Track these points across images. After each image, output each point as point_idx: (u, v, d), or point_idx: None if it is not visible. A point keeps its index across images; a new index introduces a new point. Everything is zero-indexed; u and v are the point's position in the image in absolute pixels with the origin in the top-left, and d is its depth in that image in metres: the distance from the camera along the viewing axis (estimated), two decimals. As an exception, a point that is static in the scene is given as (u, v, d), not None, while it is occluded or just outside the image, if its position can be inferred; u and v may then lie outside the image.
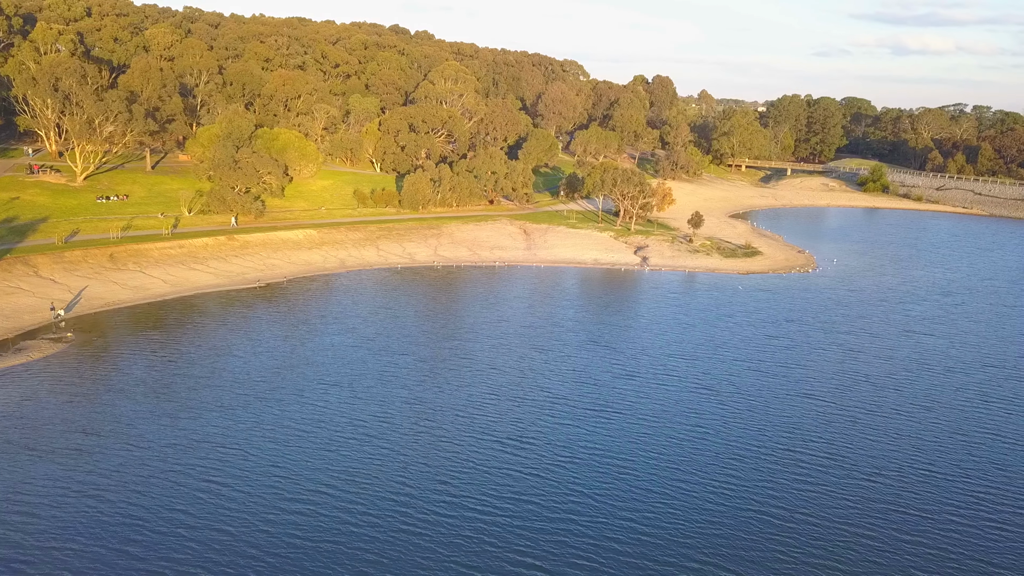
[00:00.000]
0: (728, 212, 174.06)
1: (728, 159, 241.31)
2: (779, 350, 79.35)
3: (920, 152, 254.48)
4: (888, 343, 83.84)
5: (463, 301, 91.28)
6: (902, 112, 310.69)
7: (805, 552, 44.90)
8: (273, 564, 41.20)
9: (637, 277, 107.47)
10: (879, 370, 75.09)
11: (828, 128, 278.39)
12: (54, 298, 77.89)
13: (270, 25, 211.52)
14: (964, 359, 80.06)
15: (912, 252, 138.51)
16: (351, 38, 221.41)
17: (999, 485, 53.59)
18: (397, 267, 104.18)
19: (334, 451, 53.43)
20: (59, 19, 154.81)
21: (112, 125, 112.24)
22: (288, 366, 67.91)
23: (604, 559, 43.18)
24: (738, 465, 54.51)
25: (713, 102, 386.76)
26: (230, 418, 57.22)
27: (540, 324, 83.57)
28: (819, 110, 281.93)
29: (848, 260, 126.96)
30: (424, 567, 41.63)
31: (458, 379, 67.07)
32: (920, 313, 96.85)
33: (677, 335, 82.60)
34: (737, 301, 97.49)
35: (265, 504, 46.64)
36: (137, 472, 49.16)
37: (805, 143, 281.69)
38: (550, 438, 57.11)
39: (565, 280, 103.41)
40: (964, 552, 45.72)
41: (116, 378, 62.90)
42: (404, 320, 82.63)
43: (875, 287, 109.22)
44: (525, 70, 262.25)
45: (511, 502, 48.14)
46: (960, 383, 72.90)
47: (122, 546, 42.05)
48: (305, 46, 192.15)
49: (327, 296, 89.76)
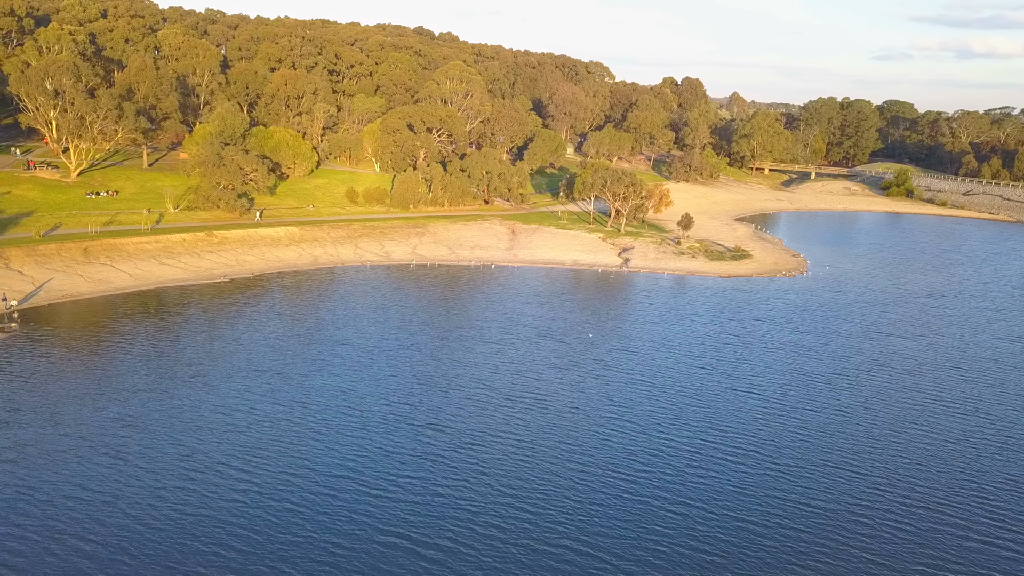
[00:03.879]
0: (735, 215, 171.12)
1: (749, 162, 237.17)
2: (719, 348, 77.65)
3: (956, 156, 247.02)
4: (844, 344, 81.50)
5: (417, 298, 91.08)
6: (940, 115, 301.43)
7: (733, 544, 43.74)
8: (156, 538, 41.61)
9: (611, 278, 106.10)
10: (821, 369, 72.91)
11: (862, 131, 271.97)
12: (14, 289, 79.76)
13: (287, 26, 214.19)
14: (923, 360, 77.60)
15: (915, 257, 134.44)
16: (368, 39, 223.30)
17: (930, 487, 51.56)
18: (368, 265, 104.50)
19: (242, 432, 54.00)
20: (73, 20, 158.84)
21: (103, 122, 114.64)
22: (222, 354, 68.92)
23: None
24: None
25: (745, 105, 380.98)
26: (148, 402, 57.96)
27: (478, 321, 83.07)
28: (853, 113, 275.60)
29: (844, 264, 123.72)
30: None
31: (379, 369, 67.02)
32: (897, 316, 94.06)
33: (618, 332, 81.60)
34: (699, 302, 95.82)
35: (168, 479, 47.84)
36: (45, 447, 50.11)
37: (838, 147, 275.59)
38: (464, 424, 56.83)
39: (533, 280, 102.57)
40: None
41: (45, 363, 64.27)
42: (350, 314, 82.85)
43: (860, 291, 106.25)
44: (547, 71, 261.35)
45: (417, 483, 47.97)
46: (910, 383, 70.48)
47: (17, 518, 43.37)
48: (319, 47, 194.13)
49: (284, 291, 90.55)
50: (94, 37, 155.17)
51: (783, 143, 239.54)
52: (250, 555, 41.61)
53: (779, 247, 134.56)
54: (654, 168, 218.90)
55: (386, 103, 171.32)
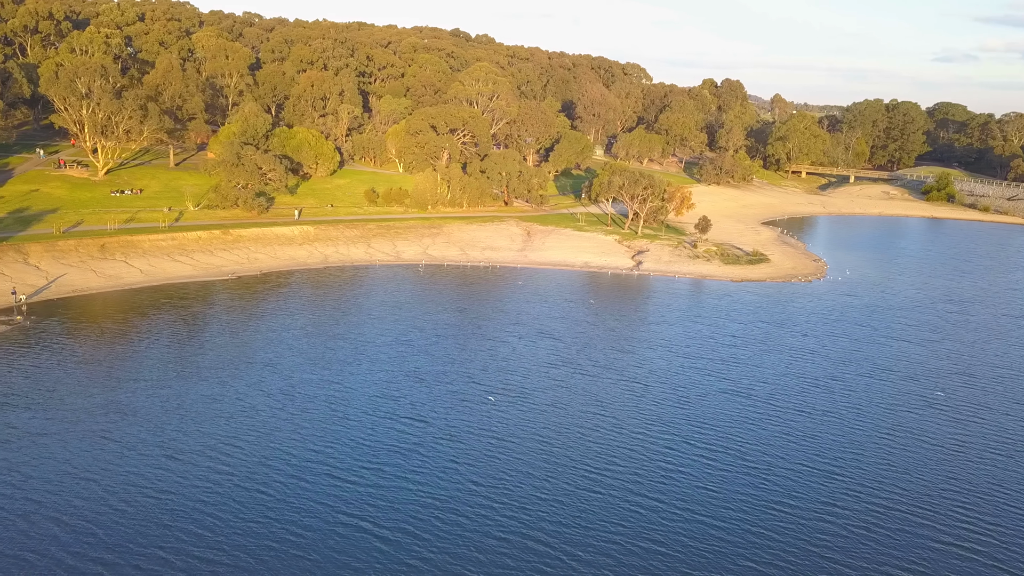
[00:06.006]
0: (764, 219, 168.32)
1: (785, 165, 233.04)
2: (714, 349, 76.52)
3: (1005, 160, 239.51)
4: (845, 348, 79.70)
5: (418, 297, 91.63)
6: (991, 118, 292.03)
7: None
8: (129, 515, 42.96)
9: (617, 281, 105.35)
10: (816, 372, 71.36)
11: (908, 134, 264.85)
12: (27, 284, 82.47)
13: (322, 29, 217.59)
14: (929, 365, 75.55)
15: (945, 262, 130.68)
16: (402, 41, 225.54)
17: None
18: (377, 264, 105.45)
19: (224, 420, 55.16)
20: (111, 24, 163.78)
21: (128, 122, 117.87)
22: (215, 346, 70.58)
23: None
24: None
25: (787, 107, 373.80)
26: (137, 390, 59.48)
27: (475, 319, 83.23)
28: (899, 115, 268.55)
29: (866, 269, 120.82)
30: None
31: (367, 364, 67.65)
32: (910, 321, 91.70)
33: (615, 332, 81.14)
34: (704, 305, 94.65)
35: (146, 461, 49.80)
36: (32, 430, 51.83)
37: (882, 150, 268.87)
38: (443, 418, 57.21)
39: (539, 281, 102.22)
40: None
41: (41, 354, 66.31)
42: (346, 312, 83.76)
43: (877, 295, 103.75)
44: (581, 73, 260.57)
45: (386, 471, 48.52)
46: (908, 388, 68.61)
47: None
48: (351, 49, 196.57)
49: (286, 288, 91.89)
50: (130, 40, 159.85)
51: (820, 145, 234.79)
52: (214, 533, 43.10)
53: (801, 251, 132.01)
54: (685, 170, 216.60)
55: (413, 104, 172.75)
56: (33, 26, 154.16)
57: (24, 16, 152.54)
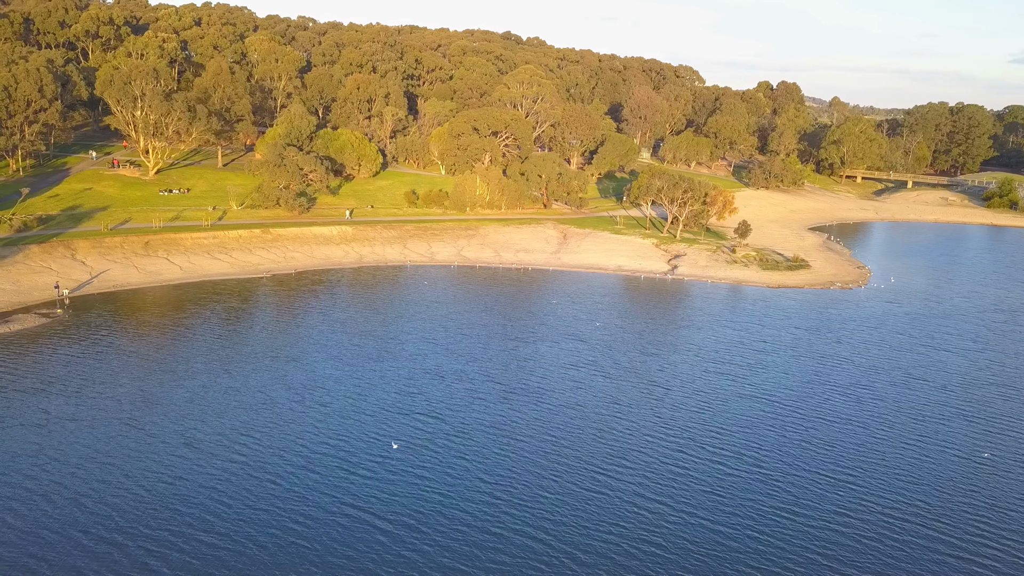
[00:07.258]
0: (811, 224, 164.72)
1: (839, 169, 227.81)
2: (742, 354, 75.25)
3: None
4: (878, 356, 77.72)
5: (446, 297, 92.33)
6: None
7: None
8: (146, 498, 44.53)
9: (650, 285, 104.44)
10: (843, 379, 69.66)
11: (973, 138, 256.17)
12: (71, 278, 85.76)
13: (372, 32, 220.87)
14: (964, 374, 73.39)
15: (998, 271, 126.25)
16: (451, 44, 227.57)
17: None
18: (410, 265, 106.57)
19: (244, 411, 56.63)
20: (169, 28, 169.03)
21: (176, 123, 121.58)
22: (243, 341, 72.66)
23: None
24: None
25: (847, 109, 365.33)
26: (166, 382, 61.46)
27: (500, 320, 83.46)
28: (963, 119, 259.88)
29: (912, 277, 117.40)
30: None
31: (389, 361, 68.52)
32: (953, 330, 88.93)
33: (643, 335, 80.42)
34: (737, 310, 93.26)
35: (168, 448, 51.32)
36: (65, 415, 54.05)
37: (945, 154, 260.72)
38: (459, 416, 57.78)
39: (567, 284, 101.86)
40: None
41: (78, 344, 68.99)
42: (373, 310, 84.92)
43: (921, 304, 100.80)
44: (631, 75, 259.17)
45: (397, 465, 49.36)
46: (940, 399, 66.57)
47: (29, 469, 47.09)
48: (400, 52, 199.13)
49: (317, 287, 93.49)
50: (186, 44, 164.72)
51: (876, 150, 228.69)
52: (223, 519, 44.61)
53: (845, 258, 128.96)
54: (734, 174, 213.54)
55: (458, 107, 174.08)
56: (95, 31, 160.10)
57: (86, 21, 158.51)
